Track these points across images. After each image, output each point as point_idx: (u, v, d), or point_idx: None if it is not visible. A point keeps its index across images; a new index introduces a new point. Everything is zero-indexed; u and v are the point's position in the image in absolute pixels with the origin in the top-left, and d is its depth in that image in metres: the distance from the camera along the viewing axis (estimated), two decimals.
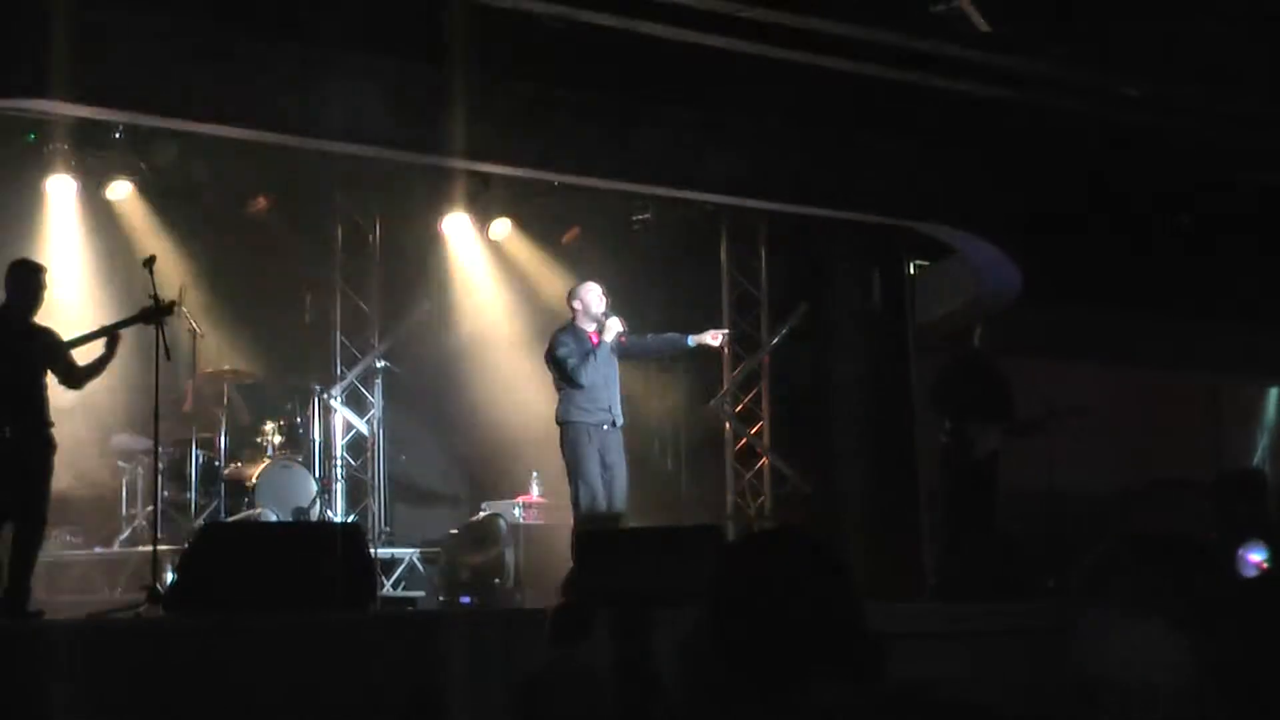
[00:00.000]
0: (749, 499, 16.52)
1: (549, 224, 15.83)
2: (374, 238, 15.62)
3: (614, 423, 11.98)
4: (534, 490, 14.04)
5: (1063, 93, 12.87)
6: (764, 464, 16.55)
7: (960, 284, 15.71)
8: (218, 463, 13.52)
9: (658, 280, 16.48)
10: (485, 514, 13.83)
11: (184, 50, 11.15)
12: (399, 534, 14.45)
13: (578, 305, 12.13)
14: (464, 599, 13.19)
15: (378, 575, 11.54)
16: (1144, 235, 15.41)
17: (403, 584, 13.86)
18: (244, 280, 14.54)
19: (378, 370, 14.27)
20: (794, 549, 2.91)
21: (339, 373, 14.63)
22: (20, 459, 10.08)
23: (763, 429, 16.69)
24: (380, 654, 8.80)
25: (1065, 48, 12.13)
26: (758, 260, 16.89)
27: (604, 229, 16.09)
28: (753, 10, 11.11)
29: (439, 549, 14.02)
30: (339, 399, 14.54)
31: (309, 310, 13.97)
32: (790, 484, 16.21)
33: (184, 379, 13.65)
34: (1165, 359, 17.21)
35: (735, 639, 2.81)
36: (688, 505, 16.17)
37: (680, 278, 16.83)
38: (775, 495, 16.41)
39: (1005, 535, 12.90)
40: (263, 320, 14.59)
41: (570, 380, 11.85)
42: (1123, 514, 15.13)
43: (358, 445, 14.89)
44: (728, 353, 16.68)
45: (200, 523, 12.86)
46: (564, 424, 11.93)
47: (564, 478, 12.04)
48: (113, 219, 14.18)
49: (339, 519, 13.80)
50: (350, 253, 15.52)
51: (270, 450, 13.79)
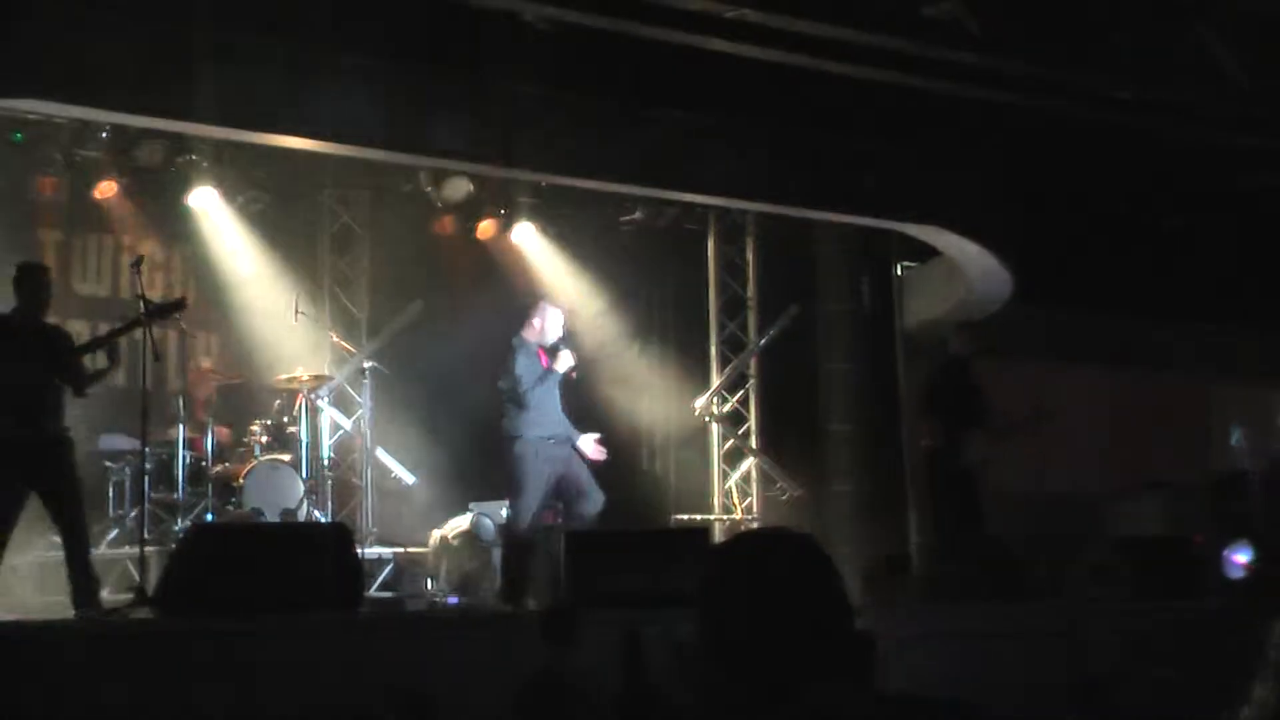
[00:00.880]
0: (737, 500, 16.53)
1: (539, 225, 15.83)
2: (364, 238, 15.63)
3: (563, 436, 11.97)
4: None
5: (1054, 95, 12.87)
6: (752, 465, 16.56)
7: (949, 286, 15.72)
8: (205, 463, 13.49)
9: (646, 282, 16.49)
10: (472, 514, 13.81)
11: (173, 50, 11.12)
12: (386, 534, 14.42)
13: (536, 323, 12.11)
14: (451, 600, 13.17)
15: (365, 576, 11.51)
16: (1136, 237, 15.43)
17: (390, 585, 13.82)
18: (232, 280, 14.52)
19: (366, 371, 14.23)
20: (783, 549, 2.90)
21: (327, 373, 14.60)
22: (47, 460, 10.05)
23: (750, 430, 16.71)
24: (368, 655, 8.79)
25: (1056, 51, 12.12)
26: (746, 262, 16.91)
27: (592, 230, 16.09)
28: (741, 12, 11.09)
29: (427, 550, 13.99)
30: (327, 399, 14.51)
31: (297, 310, 13.93)
32: (778, 485, 16.22)
33: (173, 379, 13.64)
34: (1156, 361, 17.22)
35: (726, 640, 2.80)
36: (675, 507, 16.16)
37: (669, 279, 16.85)
38: (763, 496, 16.43)
39: (995, 537, 12.90)
40: (251, 320, 14.57)
41: (518, 399, 11.86)
42: (1113, 515, 15.13)
43: (345, 445, 14.87)
44: (716, 353, 16.71)
45: (188, 523, 12.82)
46: (513, 437, 11.92)
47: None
48: (101, 218, 14.16)
49: (326, 519, 13.76)
50: (339, 253, 15.52)
51: (258, 450, 13.76)
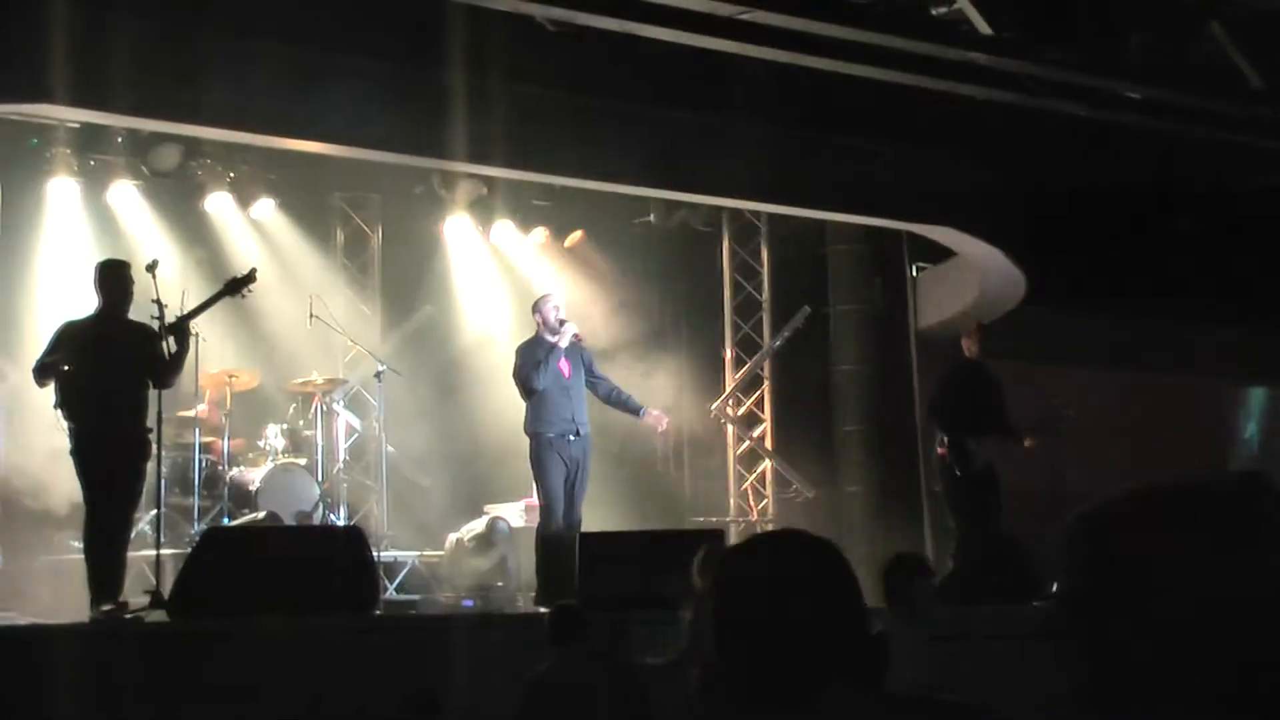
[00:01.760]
0: (751, 502, 16.53)
1: (551, 227, 15.85)
2: (376, 241, 15.67)
3: (578, 432, 12.03)
4: (535, 493, 14.02)
5: (1065, 96, 12.86)
6: (766, 467, 16.57)
7: (963, 287, 15.70)
8: (221, 467, 13.51)
9: (659, 283, 16.50)
10: (487, 517, 13.83)
11: (185, 54, 11.15)
12: (401, 537, 14.44)
13: (538, 319, 12.27)
14: (466, 602, 13.18)
15: (380, 578, 11.53)
16: (1150, 237, 15.39)
17: (405, 587, 13.84)
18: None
19: (380, 373, 14.25)
20: (798, 551, 2.90)
21: (341, 376, 14.63)
22: (129, 459, 10.08)
23: (765, 431, 16.71)
24: (383, 657, 8.81)
25: (1067, 51, 12.11)
26: (760, 263, 16.92)
27: (606, 232, 16.11)
28: (753, 13, 11.09)
29: (441, 552, 14.01)
30: (341, 402, 14.54)
31: (311, 314, 13.94)
32: (793, 487, 16.23)
33: (188, 383, 13.67)
34: (1170, 361, 17.19)
35: (739, 642, 2.81)
36: (690, 508, 16.18)
37: (682, 281, 16.86)
38: (778, 498, 16.43)
39: (1010, 538, 12.87)
40: (265, 324, 14.58)
41: (524, 388, 12.01)
42: None
43: (360, 448, 14.90)
44: (730, 355, 16.71)
45: (203, 527, 12.85)
46: (529, 435, 12.08)
47: None
48: (115, 222, 14.20)
49: (341, 522, 13.78)
50: (352, 256, 15.55)
51: (273, 454, 13.79)
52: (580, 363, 12.24)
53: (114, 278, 10.36)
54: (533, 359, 12.04)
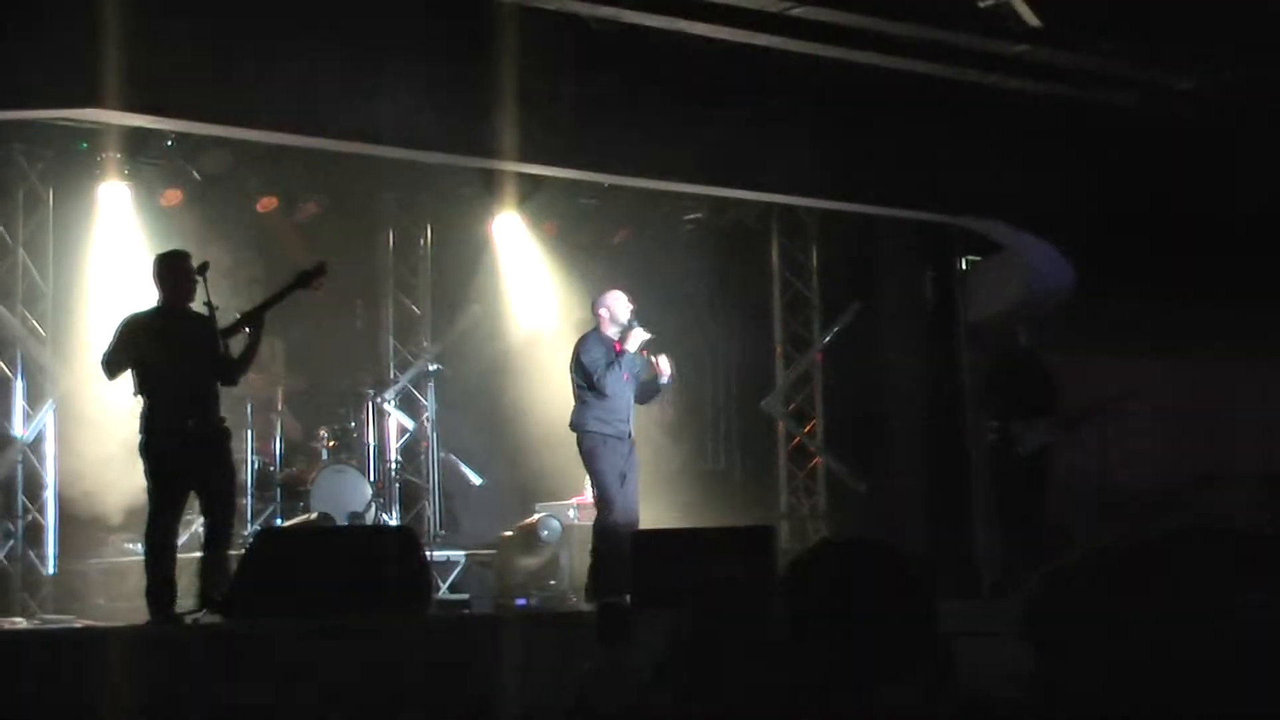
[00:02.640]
0: (803, 498, 16.51)
1: (600, 225, 15.86)
2: (424, 241, 15.71)
3: (629, 434, 11.95)
4: (588, 491, 14.00)
5: (1114, 87, 12.80)
6: (817, 463, 16.54)
7: (1012, 280, 15.63)
8: (273, 468, 13.57)
9: (709, 281, 16.48)
10: (539, 516, 13.84)
11: (233, 58, 11.19)
12: (453, 536, 14.47)
13: (604, 313, 12.05)
14: (519, 601, 13.21)
15: (433, 578, 11.55)
16: (1200, 227, 15.29)
17: (457, 587, 13.86)
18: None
19: (430, 373, 14.27)
20: (877, 562, 2.90)
21: (392, 376, 14.66)
22: (212, 454, 10.02)
23: (816, 428, 16.68)
24: (436, 657, 8.82)
25: (1115, 41, 12.06)
26: (809, 259, 16.89)
27: (655, 230, 16.10)
28: (802, 9, 11.08)
29: (494, 551, 14.03)
30: (392, 402, 14.58)
31: (360, 315, 13.99)
32: (844, 483, 16.19)
33: (240, 385, 13.72)
34: (1221, 350, 17.07)
35: (811, 644, 2.81)
36: (741, 505, 16.15)
37: (732, 278, 16.84)
38: (829, 494, 16.40)
39: (1061, 530, 12.82)
40: (315, 324, 14.62)
41: (594, 388, 11.81)
42: (1180, 506, 15.02)
43: (411, 448, 14.94)
44: (780, 351, 16.69)
45: (256, 528, 12.90)
46: (581, 431, 11.92)
47: None
48: (166, 226, 14.26)
49: (393, 522, 13.82)
50: (400, 256, 15.58)
51: (325, 455, 13.84)
52: (634, 368, 12.09)
53: (175, 269, 10.29)
54: (603, 357, 11.89)
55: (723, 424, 16.75)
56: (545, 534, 13.62)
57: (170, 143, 13.57)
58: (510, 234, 15.67)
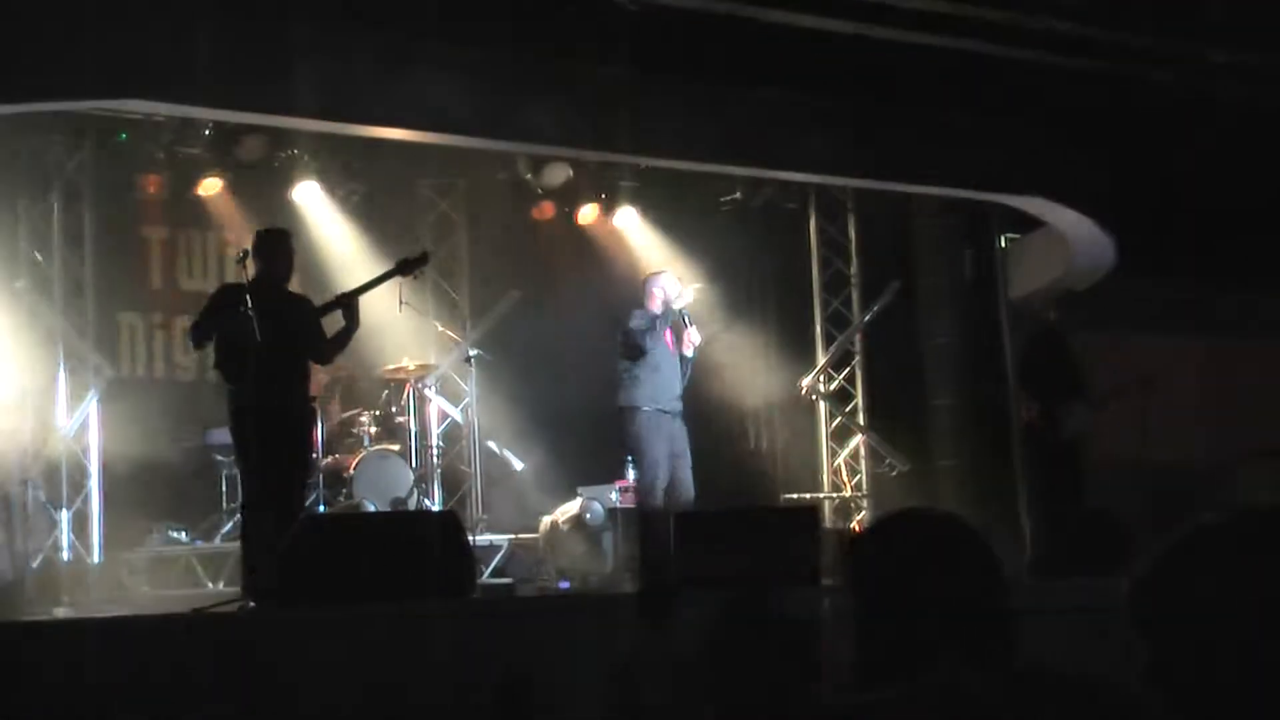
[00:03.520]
0: (845, 478, 16.48)
1: (639, 208, 15.84)
2: (462, 226, 15.73)
3: (680, 411, 11.94)
4: (630, 474, 14.01)
5: (1155, 63, 12.73)
6: (859, 442, 16.52)
7: (1053, 257, 15.58)
8: (315, 455, 13.59)
9: (748, 261, 16.45)
10: (581, 499, 13.83)
11: (269, 46, 11.21)
12: (496, 521, 14.48)
13: (656, 291, 12.06)
14: (562, 584, 13.21)
15: (477, 563, 11.55)
16: (1240, 205, 15.20)
17: (502, 571, 13.87)
18: (334, 273, 14.57)
19: (471, 358, 14.27)
20: (949, 533, 2.90)
21: (432, 362, 14.68)
22: (293, 430, 10.07)
23: (857, 407, 16.65)
24: (479, 641, 8.82)
25: (1155, 18, 12.00)
26: (848, 238, 16.85)
27: (693, 211, 16.08)
28: None
29: (537, 535, 14.04)
30: (433, 388, 14.59)
31: (401, 300, 13.97)
32: (887, 461, 16.16)
33: None
34: (1259, 329, 16.98)
35: (874, 616, 2.81)
36: (783, 485, 16.14)
37: (770, 258, 16.82)
38: (871, 473, 16.38)
39: (1102, 509, 12.77)
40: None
41: (634, 349, 11.80)
42: (1220, 485, 14.94)
43: (453, 433, 14.95)
44: (820, 331, 16.66)
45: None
46: (628, 409, 11.90)
47: None
48: (204, 215, 14.32)
49: (436, 507, 13.83)
50: (439, 242, 15.59)
51: (367, 441, 13.86)
52: (677, 338, 12.07)
53: (276, 245, 10.34)
54: (645, 320, 11.88)
55: (763, 404, 16.71)
56: (589, 517, 13.60)
57: (208, 131, 13.61)
58: (547, 217, 15.67)
